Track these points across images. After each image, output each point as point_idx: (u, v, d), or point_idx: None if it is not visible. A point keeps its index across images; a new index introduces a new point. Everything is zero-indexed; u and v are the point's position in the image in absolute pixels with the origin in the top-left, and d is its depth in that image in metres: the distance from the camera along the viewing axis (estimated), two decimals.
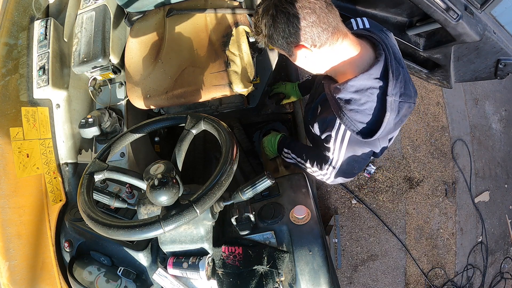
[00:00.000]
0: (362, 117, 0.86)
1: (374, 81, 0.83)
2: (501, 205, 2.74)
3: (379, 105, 0.85)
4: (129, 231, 0.67)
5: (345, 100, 0.86)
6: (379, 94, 0.84)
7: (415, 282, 2.48)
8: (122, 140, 0.91)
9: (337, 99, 0.87)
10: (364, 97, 0.84)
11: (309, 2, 0.74)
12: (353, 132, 0.87)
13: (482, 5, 1.10)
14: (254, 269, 0.86)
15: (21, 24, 1.21)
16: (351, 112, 0.86)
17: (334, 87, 0.88)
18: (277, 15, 0.76)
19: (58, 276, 1.08)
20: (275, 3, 0.76)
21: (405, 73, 0.89)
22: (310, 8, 0.74)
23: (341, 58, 0.85)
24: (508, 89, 2.96)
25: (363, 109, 0.85)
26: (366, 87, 0.84)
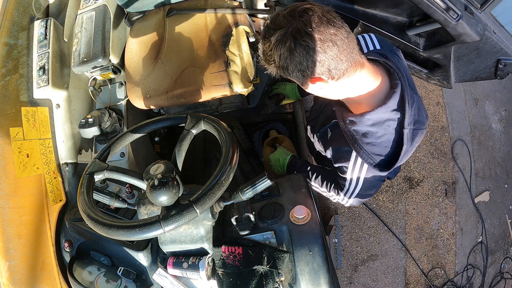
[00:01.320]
0: (379, 149, 0.85)
1: (391, 114, 0.81)
2: (501, 205, 2.74)
3: (396, 136, 0.84)
4: (129, 231, 0.67)
5: (362, 133, 0.84)
6: (396, 126, 0.83)
7: (415, 282, 2.48)
8: (122, 140, 0.91)
9: (353, 132, 0.85)
10: (381, 130, 0.83)
11: (330, 34, 0.69)
12: (370, 165, 0.87)
13: (482, 5, 1.10)
14: (254, 269, 0.86)
15: (21, 24, 1.21)
16: (368, 145, 0.85)
17: (349, 120, 0.85)
18: (295, 48, 0.70)
19: (58, 276, 1.08)
20: (294, 35, 0.69)
21: (418, 98, 0.87)
22: (331, 40, 0.69)
23: (357, 88, 0.82)
24: (508, 89, 2.96)
25: (380, 141, 0.84)
26: (383, 120, 0.82)
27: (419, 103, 0.86)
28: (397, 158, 0.85)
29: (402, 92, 0.82)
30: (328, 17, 0.70)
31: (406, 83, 0.83)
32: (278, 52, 0.72)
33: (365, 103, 0.84)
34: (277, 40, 0.71)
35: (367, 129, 0.83)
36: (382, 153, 0.85)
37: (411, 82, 0.87)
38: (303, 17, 0.69)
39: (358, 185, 0.96)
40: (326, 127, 1.03)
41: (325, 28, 0.69)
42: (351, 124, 0.85)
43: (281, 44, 0.71)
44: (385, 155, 0.85)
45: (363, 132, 0.84)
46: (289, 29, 0.70)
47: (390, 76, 0.85)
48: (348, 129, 0.86)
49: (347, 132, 0.87)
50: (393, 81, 0.83)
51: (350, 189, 1.00)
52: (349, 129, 0.86)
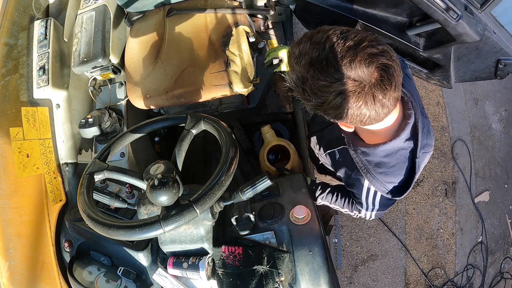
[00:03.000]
0: (392, 178, 0.84)
1: (405, 144, 0.80)
2: (501, 205, 2.74)
3: (408, 164, 0.83)
4: (129, 231, 0.67)
5: (375, 163, 0.83)
6: (407, 154, 0.82)
7: (415, 282, 2.48)
8: (122, 140, 0.91)
9: (365, 162, 0.85)
10: (393, 159, 0.82)
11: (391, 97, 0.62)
12: (383, 192, 0.87)
13: (482, 5, 1.10)
14: (254, 269, 0.86)
15: (21, 24, 1.21)
16: (380, 175, 0.84)
17: (361, 150, 0.84)
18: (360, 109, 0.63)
19: (58, 276, 1.08)
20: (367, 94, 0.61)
21: (428, 122, 0.85)
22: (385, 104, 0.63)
23: None
24: (508, 89, 2.96)
25: (393, 170, 0.83)
26: (396, 150, 0.80)
27: (428, 127, 0.84)
28: (409, 184, 0.84)
29: (415, 121, 0.79)
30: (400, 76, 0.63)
31: (418, 108, 0.80)
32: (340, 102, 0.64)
33: (379, 135, 0.82)
34: (344, 94, 0.62)
35: (380, 159, 0.82)
36: (395, 181, 0.85)
37: (421, 106, 0.84)
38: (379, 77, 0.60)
39: (374, 206, 0.97)
40: (334, 150, 1.02)
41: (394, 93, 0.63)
42: (363, 155, 0.84)
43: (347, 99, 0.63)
44: (398, 182, 0.85)
45: (376, 163, 0.83)
46: (363, 91, 0.61)
47: (404, 105, 0.81)
48: (360, 159, 0.85)
49: (358, 161, 0.86)
50: (406, 110, 0.80)
51: (369, 208, 1.00)
52: (361, 159, 0.85)
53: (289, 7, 1.54)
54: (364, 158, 0.84)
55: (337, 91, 0.62)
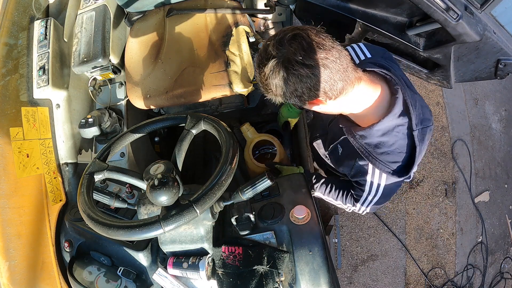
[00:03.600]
0: (394, 157, 0.85)
1: (398, 119, 0.82)
2: (501, 205, 2.74)
3: (408, 140, 0.84)
4: (129, 231, 0.67)
5: (374, 145, 0.85)
6: (405, 130, 0.83)
7: (415, 282, 2.48)
8: (122, 140, 0.91)
9: (365, 145, 0.86)
10: (392, 137, 0.83)
11: (321, 59, 0.69)
12: (388, 173, 0.87)
13: (482, 5, 1.10)
14: (254, 269, 0.86)
15: (21, 24, 1.21)
16: (382, 155, 0.85)
17: (359, 134, 0.86)
18: (288, 77, 0.71)
19: (58, 276, 1.08)
20: (285, 65, 0.70)
21: (419, 97, 0.87)
22: (322, 65, 0.69)
23: (359, 102, 0.82)
24: (508, 89, 2.96)
25: (393, 149, 0.84)
26: (392, 127, 0.82)
27: (421, 102, 0.86)
28: (413, 161, 0.85)
29: (403, 96, 0.82)
30: (318, 41, 0.69)
31: (404, 85, 0.83)
32: (273, 82, 0.73)
33: (371, 115, 0.84)
34: (270, 71, 0.72)
35: (378, 140, 0.84)
36: (398, 160, 0.86)
37: (408, 83, 0.87)
38: (292, 45, 0.69)
39: (377, 194, 0.97)
40: (336, 143, 1.03)
41: (314, 53, 0.68)
42: (361, 138, 0.86)
43: (274, 75, 0.72)
44: (401, 160, 0.86)
45: (375, 144, 0.85)
46: (280, 59, 0.70)
47: (388, 83, 0.85)
48: (359, 143, 0.87)
49: (359, 146, 0.88)
50: (392, 87, 0.84)
51: (368, 199, 1.01)
52: (361, 143, 0.87)
53: (289, 7, 1.53)
54: (363, 142, 0.86)
55: (268, 73, 0.72)
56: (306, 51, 0.68)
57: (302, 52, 0.68)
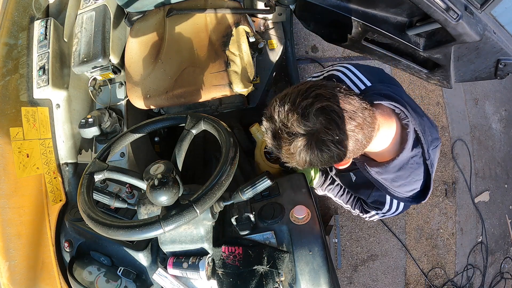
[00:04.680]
0: (411, 186, 0.85)
1: (412, 152, 0.81)
2: (501, 205, 2.74)
3: (422, 169, 0.84)
4: (129, 231, 0.67)
5: (391, 179, 0.85)
6: (419, 160, 0.83)
7: (415, 282, 2.48)
8: (122, 140, 0.91)
9: (381, 180, 0.86)
10: (407, 170, 0.83)
11: (353, 130, 0.65)
12: (406, 202, 0.88)
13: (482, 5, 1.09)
14: (254, 269, 0.86)
15: (21, 24, 1.21)
16: (399, 187, 0.85)
17: (375, 171, 0.85)
18: (322, 155, 0.67)
19: (58, 276, 1.08)
20: (319, 147, 0.65)
21: (426, 119, 0.86)
22: (354, 136, 0.66)
23: (378, 144, 0.81)
24: (508, 89, 2.96)
25: (409, 180, 0.84)
26: (407, 160, 0.82)
27: (428, 124, 0.85)
28: (429, 186, 0.85)
29: (414, 127, 0.80)
30: (348, 109, 0.65)
31: (412, 112, 0.80)
32: (303, 158, 0.69)
33: (387, 152, 0.84)
34: (299, 149, 0.67)
35: (395, 174, 0.83)
36: (415, 187, 0.86)
37: (414, 106, 0.85)
38: (322, 121, 0.64)
39: (392, 215, 0.98)
40: (348, 173, 1.02)
41: (346, 125, 0.64)
42: (378, 174, 0.85)
43: (305, 153, 0.67)
44: (418, 187, 0.86)
45: (391, 178, 0.84)
46: (311, 140, 0.65)
47: (397, 115, 0.83)
48: (375, 179, 0.86)
49: (375, 181, 0.87)
50: (401, 120, 0.82)
51: (379, 216, 1.02)
52: (377, 178, 0.86)
53: (289, 7, 1.53)
54: (380, 177, 0.85)
55: (297, 151, 0.67)
56: (339, 127, 0.64)
57: (336, 130, 0.64)
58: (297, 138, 0.66)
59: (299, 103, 0.65)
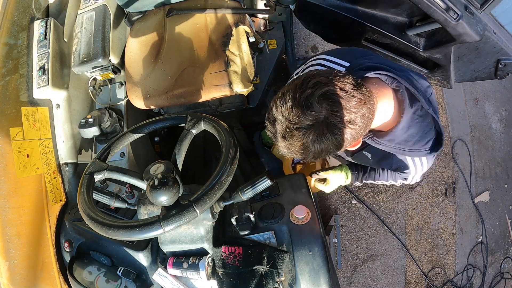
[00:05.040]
0: (425, 139, 0.87)
1: (412, 109, 0.83)
2: (501, 205, 2.74)
3: (428, 119, 0.86)
4: (129, 231, 0.67)
5: (403, 141, 0.86)
6: (421, 113, 0.84)
7: (415, 282, 2.48)
8: (122, 140, 0.91)
9: (395, 146, 0.88)
10: (415, 127, 0.85)
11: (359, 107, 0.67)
12: (426, 155, 0.90)
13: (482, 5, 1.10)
14: (254, 269, 0.86)
15: (21, 24, 1.21)
16: (414, 145, 0.87)
17: (386, 140, 0.87)
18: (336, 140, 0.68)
19: (58, 276, 1.08)
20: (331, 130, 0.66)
21: (410, 72, 0.89)
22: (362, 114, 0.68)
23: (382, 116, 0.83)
24: (508, 89, 2.96)
25: (421, 134, 0.86)
26: (410, 119, 0.83)
27: (414, 77, 0.87)
28: (440, 131, 0.87)
29: (405, 86, 0.83)
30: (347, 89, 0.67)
31: (396, 73, 0.83)
32: (318, 148, 0.70)
33: (390, 120, 0.85)
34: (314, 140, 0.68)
35: (405, 136, 0.85)
36: (429, 137, 0.88)
37: (395, 67, 0.88)
38: (326, 106, 0.65)
39: (423, 169, 0.99)
40: (361, 152, 1.03)
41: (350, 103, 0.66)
42: (390, 142, 0.87)
43: (319, 142, 0.68)
44: (432, 136, 0.88)
45: (403, 140, 0.86)
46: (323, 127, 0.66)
47: (385, 81, 0.85)
48: (389, 146, 0.88)
49: (390, 149, 0.89)
50: (391, 85, 0.84)
51: (417, 175, 1.04)
52: (391, 146, 0.88)
53: (289, 7, 1.54)
54: (393, 144, 0.87)
55: (311, 143, 0.68)
56: (344, 107, 0.66)
57: (342, 110, 0.65)
58: (307, 131, 0.67)
59: (299, 96, 0.66)
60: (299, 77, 0.71)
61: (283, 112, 0.68)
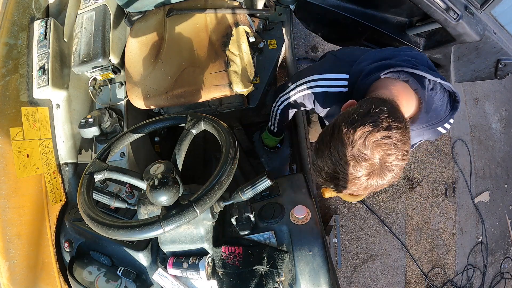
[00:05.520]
0: (443, 105, 0.91)
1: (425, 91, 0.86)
2: (501, 205, 2.74)
3: (438, 90, 0.89)
4: (129, 231, 0.67)
5: (429, 119, 0.91)
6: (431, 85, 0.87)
7: (415, 282, 2.48)
8: (122, 140, 0.91)
9: (425, 126, 0.94)
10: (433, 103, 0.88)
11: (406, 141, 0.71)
12: (452, 115, 0.94)
13: (482, 5, 1.10)
14: (254, 269, 0.86)
15: (21, 24, 1.21)
16: (438, 116, 0.92)
17: (415, 126, 0.91)
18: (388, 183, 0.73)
19: (58, 276, 1.08)
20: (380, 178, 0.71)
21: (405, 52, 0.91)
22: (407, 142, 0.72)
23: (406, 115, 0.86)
24: (508, 89, 2.96)
25: (440, 104, 0.90)
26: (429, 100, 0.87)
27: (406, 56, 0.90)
28: (452, 90, 0.90)
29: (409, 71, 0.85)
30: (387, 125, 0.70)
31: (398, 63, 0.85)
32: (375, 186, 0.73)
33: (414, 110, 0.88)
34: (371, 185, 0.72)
35: (429, 114, 0.89)
36: (446, 101, 0.91)
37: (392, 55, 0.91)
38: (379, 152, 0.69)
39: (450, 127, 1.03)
40: None
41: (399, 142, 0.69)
42: (418, 125, 0.91)
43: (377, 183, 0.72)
44: (447, 98, 0.91)
45: (429, 118, 0.91)
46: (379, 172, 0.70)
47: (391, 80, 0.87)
48: (419, 128, 0.93)
49: (420, 130, 0.95)
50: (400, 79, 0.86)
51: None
52: (421, 127, 0.93)
53: (289, 7, 1.54)
54: (423, 125, 0.93)
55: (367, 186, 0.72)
56: (396, 145, 0.69)
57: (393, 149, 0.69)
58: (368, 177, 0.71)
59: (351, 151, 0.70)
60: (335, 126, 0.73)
61: (339, 169, 0.72)
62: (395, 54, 0.92)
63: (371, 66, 0.89)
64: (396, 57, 0.90)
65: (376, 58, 0.92)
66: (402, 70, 0.85)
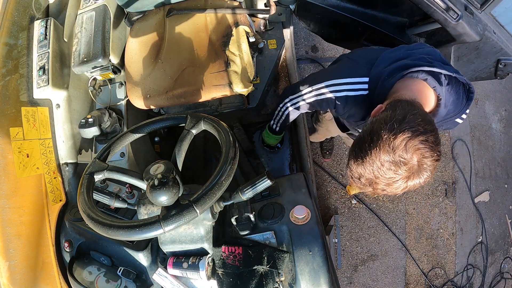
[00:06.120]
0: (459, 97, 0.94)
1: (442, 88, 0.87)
2: (501, 205, 2.74)
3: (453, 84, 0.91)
4: (129, 231, 0.67)
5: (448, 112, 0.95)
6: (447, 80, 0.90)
7: (415, 282, 2.48)
8: (122, 140, 0.91)
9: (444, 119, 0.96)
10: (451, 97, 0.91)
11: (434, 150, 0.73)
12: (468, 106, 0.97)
13: (482, 5, 1.10)
14: (254, 269, 0.86)
15: (21, 24, 1.21)
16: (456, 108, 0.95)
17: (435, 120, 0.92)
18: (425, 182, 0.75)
19: (58, 276, 1.08)
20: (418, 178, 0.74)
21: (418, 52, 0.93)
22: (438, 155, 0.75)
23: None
24: (508, 89, 2.96)
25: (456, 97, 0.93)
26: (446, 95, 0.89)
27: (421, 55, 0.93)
28: (465, 81, 0.93)
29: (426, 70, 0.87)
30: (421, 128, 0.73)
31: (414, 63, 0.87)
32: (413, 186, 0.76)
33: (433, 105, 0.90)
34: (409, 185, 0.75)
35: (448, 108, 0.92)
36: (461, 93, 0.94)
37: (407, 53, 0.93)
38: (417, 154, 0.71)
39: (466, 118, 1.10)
40: None
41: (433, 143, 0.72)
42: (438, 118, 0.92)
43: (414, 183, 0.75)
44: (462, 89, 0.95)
45: (448, 112, 0.93)
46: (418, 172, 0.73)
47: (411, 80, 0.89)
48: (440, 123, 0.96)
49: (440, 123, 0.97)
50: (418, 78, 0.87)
51: None
52: (441, 121, 0.96)
53: (289, 7, 1.54)
54: (442, 118, 0.95)
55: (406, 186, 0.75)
56: (432, 146, 0.72)
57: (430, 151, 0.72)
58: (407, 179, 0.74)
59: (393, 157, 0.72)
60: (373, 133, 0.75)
61: (380, 174, 0.74)
62: (410, 53, 0.94)
63: (389, 69, 0.90)
64: (411, 56, 0.92)
65: (393, 59, 0.93)
66: (420, 70, 0.86)
